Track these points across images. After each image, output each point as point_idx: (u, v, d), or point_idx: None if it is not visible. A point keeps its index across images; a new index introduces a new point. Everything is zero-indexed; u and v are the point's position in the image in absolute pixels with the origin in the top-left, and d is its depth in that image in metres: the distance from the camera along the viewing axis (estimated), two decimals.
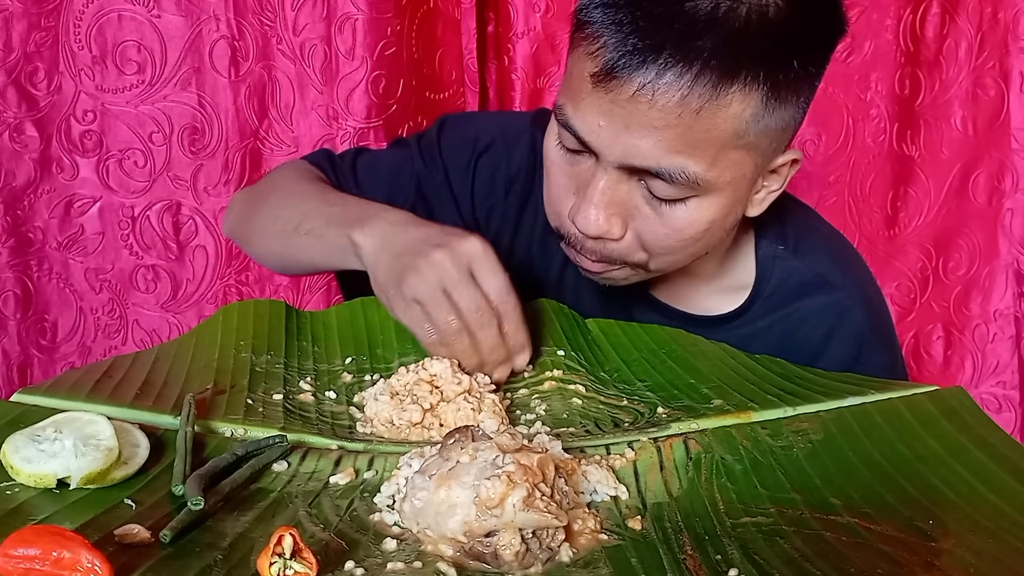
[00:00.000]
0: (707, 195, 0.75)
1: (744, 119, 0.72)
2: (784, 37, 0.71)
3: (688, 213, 0.76)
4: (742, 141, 0.73)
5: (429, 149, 0.99)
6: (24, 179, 1.28)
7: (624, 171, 0.75)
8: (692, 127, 0.71)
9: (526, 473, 0.51)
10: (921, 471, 0.60)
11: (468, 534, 0.50)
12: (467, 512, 0.50)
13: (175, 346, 0.78)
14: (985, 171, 1.50)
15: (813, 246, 0.92)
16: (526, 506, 0.50)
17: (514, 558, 0.50)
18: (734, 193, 0.77)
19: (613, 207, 0.76)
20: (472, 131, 0.99)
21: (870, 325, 0.89)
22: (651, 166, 0.72)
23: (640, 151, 0.72)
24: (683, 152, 0.72)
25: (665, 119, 0.70)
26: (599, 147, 0.74)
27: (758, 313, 0.89)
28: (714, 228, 0.78)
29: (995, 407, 1.56)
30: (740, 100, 0.71)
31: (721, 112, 0.70)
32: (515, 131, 0.97)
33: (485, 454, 0.53)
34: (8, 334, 1.31)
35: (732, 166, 0.74)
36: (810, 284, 0.89)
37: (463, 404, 0.69)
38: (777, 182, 0.82)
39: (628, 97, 0.70)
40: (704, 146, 0.72)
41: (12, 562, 0.44)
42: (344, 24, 1.27)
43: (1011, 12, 1.43)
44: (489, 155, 0.97)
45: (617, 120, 0.72)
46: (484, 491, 0.50)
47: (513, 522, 0.50)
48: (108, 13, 1.25)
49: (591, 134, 0.74)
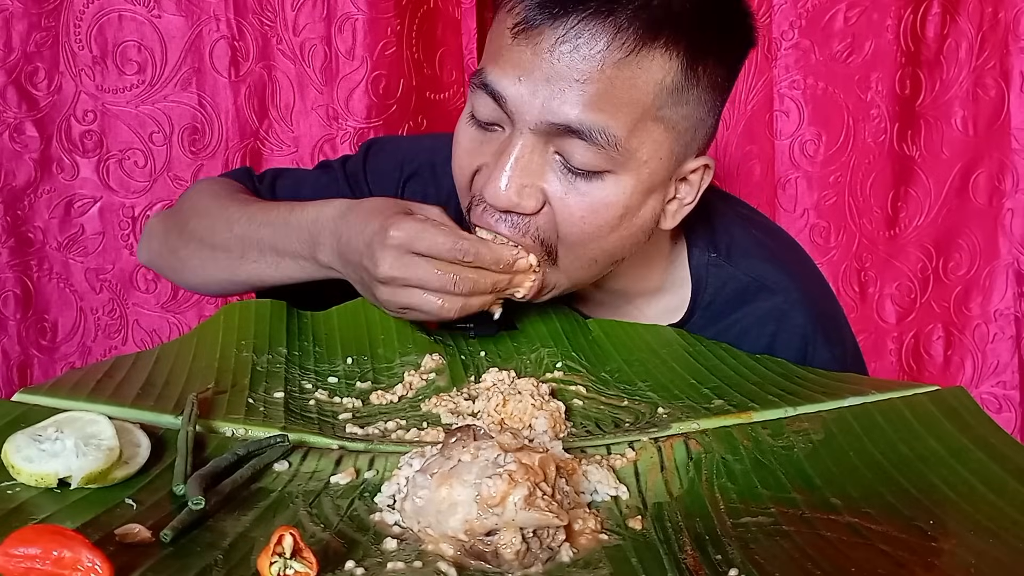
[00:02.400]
0: (624, 172, 0.74)
1: (665, 87, 0.72)
2: (705, 14, 0.74)
3: (604, 190, 0.74)
4: (661, 113, 0.73)
5: (355, 175, 0.97)
6: (24, 179, 1.28)
7: (540, 137, 0.73)
8: (613, 83, 0.71)
9: (528, 472, 0.51)
10: (922, 471, 0.60)
11: (469, 532, 0.51)
12: (468, 510, 0.51)
13: (176, 346, 0.78)
14: (985, 171, 1.50)
15: (746, 248, 0.90)
16: (527, 505, 0.50)
17: (514, 557, 0.50)
18: (650, 177, 0.75)
19: (527, 177, 0.74)
20: (399, 156, 0.98)
21: (812, 323, 0.87)
22: (572, 122, 0.71)
23: (560, 107, 0.71)
24: (604, 110, 0.71)
25: (586, 71, 0.70)
26: (517, 105, 0.73)
27: (698, 325, 0.88)
28: (627, 220, 0.76)
29: (995, 407, 1.56)
30: (661, 65, 0.72)
31: (643, 73, 0.71)
32: (444, 155, 0.90)
33: (487, 453, 0.53)
34: (8, 334, 1.31)
35: (650, 142, 0.74)
36: (746, 291, 0.88)
37: (527, 399, 0.69)
38: (690, 193, 0.81)
39: (549, 46, 0.70)
40: (625, 108, 0.72)
41: (13, 561, 0.44)
42: (344, 24, 1.27)
43: (1011, 12, 1.43)
44: (417, 179, 0.96)
45: (537, 73, 0.71)
46: (486, 490, 0.50)
47: (514, 521, 0.50)
48: (108, 13, 1.25)
49: (509, 90, 0.73)
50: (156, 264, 1.00)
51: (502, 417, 0.68)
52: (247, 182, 0.98)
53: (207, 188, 0.97)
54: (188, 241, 0.92)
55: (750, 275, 0.88)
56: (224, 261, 0.88)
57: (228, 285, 0.92)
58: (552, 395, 0.72)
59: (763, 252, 0.91)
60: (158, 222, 1.00)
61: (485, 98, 0.75)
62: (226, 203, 0.91)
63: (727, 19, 0.77)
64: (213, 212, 0.91)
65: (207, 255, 0.90)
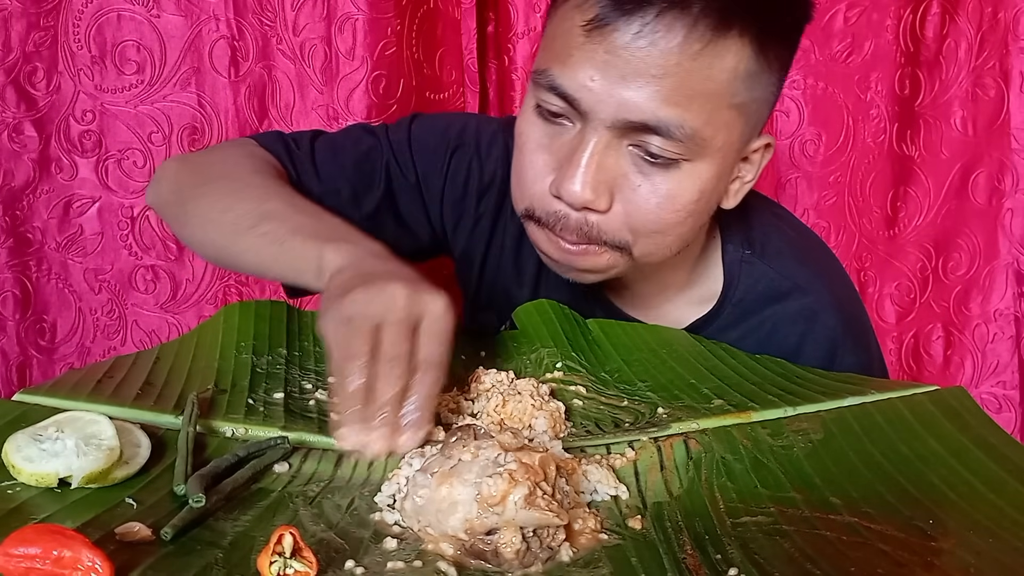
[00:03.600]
0: (699, 159, 0.74)
1: (738, 75, 0.72)
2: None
3: (680, 180, 0.74)
4: (735, 100, 0.73)
5: (399, 144, 0.94)
6: (23, 179, 1.27)
7: (615, 132, 0.72)
8: (690, 75, 0.70)
9: (528, 471, 0.51)
10: (921, 471, 0.60)
11: (469, 532, 0.51)
12: (468, 509, 0.51)
13: (176, 346, 0.78)
14: (985, 171, 1.50)
15: (780, 248, 0.90)
16: (528, 504, 0.50)
17: (515, 556, 0.50)
18: (723, 161, 0.76)
19: (601, 174, 0.73)
20: (445, 127, 0.95)
21: (842, 327, 0.87)
22: (648, 119, 0.71)
23: (637, 103, 0.70)
24: (680, 104, 0.71)
25: (663, 66, 0.69)
26: (590, 104, 0.72)
27: (728, 321, 0.88)
28: (701, 205, 0.77)
29: (995, 407, 1.56)
30: (735, 53, 0.71)
31: (718, 62, 0.71)
32: (488, 135, 0.93)
33: (487, 452, 0.53)
34: (7, 335, 1.31)
35: (724, 128, 0.74)
36: (778, 289, 0.88)
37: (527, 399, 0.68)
38: (751, 171, 0.81)
39: (624, 43, 0.69)
40: (701, 99, 0.71)
41: (13, 561, 0.44)
42: (344, 24, 1.27)
43: (1011, 12, 1.43)
44: (463, 151, 0.93)
45: (612, 71, 0.70)
46: (486, 489, 0.50)
47: (514, 520, 0.50)
48: (107, 13, 1.25)
49: (582, 91, 0.72)
50: (163, 210, 0.93)
51: (502, 417, 0.68)
52: (279, 148, 0.91)
53: (241, 151, 0.90)
54: (206, 196, 0.84)
55: (783, 274, 0.88)
56: (232, 226, 0.79)
57: (221, 254, 0.83)
58: (552, 395, 0.72)
59: (796, 253, 0.91)
60: (175, 166, 0.92)
61: (552, 96, 0.74)
62: (268, 180, 0.84)
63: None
64: (248, 178, 0.83)
65: (218, 216, 0.81)
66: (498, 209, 0.94)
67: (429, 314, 0.65)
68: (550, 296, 0.89)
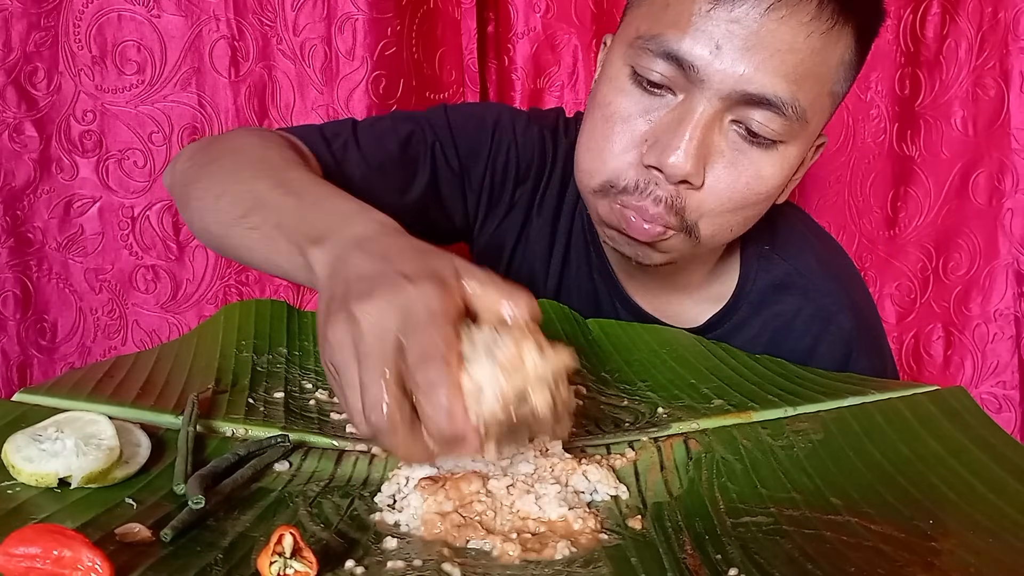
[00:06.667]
0: (792, 143, 0.74)
1: (844, 63, 0.74)
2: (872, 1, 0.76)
3: (773, 160, 0.74)
4: (835, 88, 0.74)
5: (442, 130, 0.91)
6: (24, 179, 1.27)
7: (725, 104, 0.71)
8: (812, 55, 0.71)
9: (521, 330, 0.52)
10: (921, 471, 0.60)
11: (504, 405, 0.50)
12: (495, 384, 0.50)
13: (176, 346, 0.78)
14: (985, 171, 1.50)
15: (800, 247, 0.90)
16: (541, 353, 0.51)
17: (550, 413, 0.51)
18: (804, 149, 0.76)
19: (703, 148, 0.72)
20: (482, 116, 0.94)
21: (857, 330, 0.87)
22: (767, 92, 0.70)
23: (758, 76, 0.70)
24: (797, 82, 0.71)
25: (792, 40, 0.69)
26: (709, 74, 0.70)
27: (743, 315, 0.88)
28: (780, 187, 0.77)
29: (995, 407, 1.56)
30: (846, 41, 0.73)
31: (833, 46, 0.72)
32: (523, 124, 0.92)
33: (482, 335, 0.52)
34: (7, 334, 1.31)
35: (819, 113, 0.75)
36: (792, 281, 0.88)
37: None
38: (803, 168, 0.81)
39: (759, 14, 0.69)
40: (812, 80, 0.72)
41: (13, 561, 0.44)
42: (344, 24, 1.27)
43: (1011, 12, 1.43)
44: (502, 140, 0.92)
45: (736, 42, 0.70)
46: (501, 354, 0.50)
47: (537, 372, 0.50)
48: (108, 13, 1.25)
49: (702, 59, 0.70)
50: (174, 192, 0.83)
51: None
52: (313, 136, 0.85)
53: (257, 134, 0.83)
54: (206, 175, 0.76)
55: (799, 270, 0.89)
56: (223, 215, 0.70)
57: (220, 246, 0.73)
58: None
59: (815, 253, 0.91)
60: (194, 146, 0.84)
61: (659, 63, 0.72)
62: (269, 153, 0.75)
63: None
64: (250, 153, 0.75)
65: (211, 201, 0.73)
66: (531, 200, 0.94)
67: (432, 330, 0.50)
68: (573, 291, 0.90)
